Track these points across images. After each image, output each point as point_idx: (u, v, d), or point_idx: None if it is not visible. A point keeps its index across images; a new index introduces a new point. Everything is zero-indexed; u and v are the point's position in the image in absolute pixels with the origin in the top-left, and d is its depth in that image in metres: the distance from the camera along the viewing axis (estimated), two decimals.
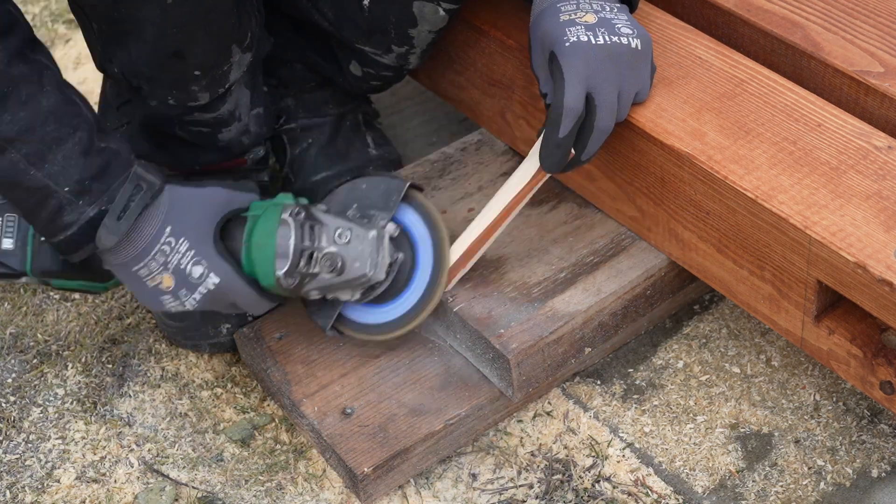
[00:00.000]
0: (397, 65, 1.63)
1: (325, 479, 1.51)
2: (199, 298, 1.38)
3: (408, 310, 1.48)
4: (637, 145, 1.44)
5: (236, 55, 1.47)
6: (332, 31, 1.62)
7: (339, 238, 1.40)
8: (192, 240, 1.35)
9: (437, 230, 1.48)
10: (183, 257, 1.35)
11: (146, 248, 1.34)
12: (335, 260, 1.39)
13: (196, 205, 1.37)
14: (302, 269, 1.38)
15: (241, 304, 1.41)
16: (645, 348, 1.60)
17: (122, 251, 1.34)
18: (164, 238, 1.34)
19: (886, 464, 1.44)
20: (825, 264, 1.26)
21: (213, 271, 1.37)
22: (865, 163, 1.32)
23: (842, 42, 1.48)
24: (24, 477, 1.53)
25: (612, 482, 1.46)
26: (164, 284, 1.37)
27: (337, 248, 1.40)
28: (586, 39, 1.35)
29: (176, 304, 1.39)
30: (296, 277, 1.38)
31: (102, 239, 1.31)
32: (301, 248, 1.38)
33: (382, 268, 1.43)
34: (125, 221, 1.31)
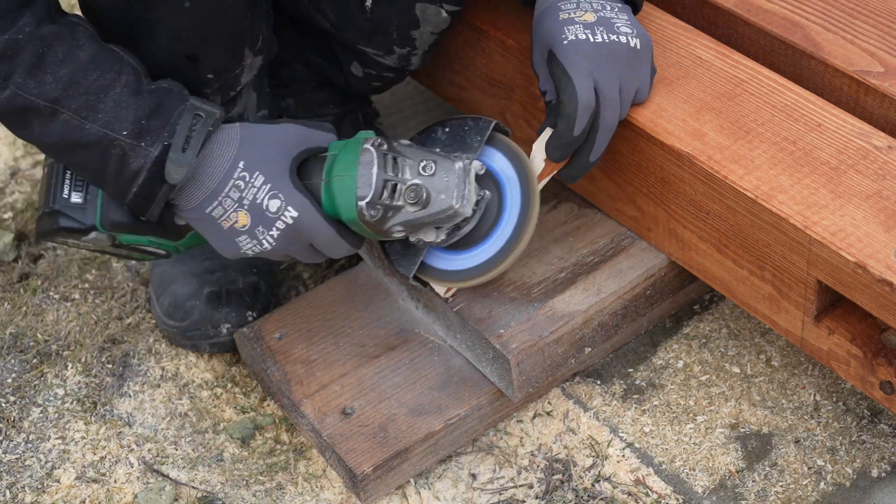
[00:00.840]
0: (399, 66, 1.63)
1: (325, 479, 1.51)
2: (276, 235, 1.32)
3: (496, 252, 1.41)
4: (637, 145, 1.44)
5: (248, 58, 1.47)
6: (333, 32, 1.61)
7: (424, 170, 1.34)
8: (267, 173, 1.31)
9: (525, 172, 1.41)
10: (259, 191, 1.30)
11: (220, 185, 1.30)
12: (420, 192, 1.33)
13: (271, 139, 1.33)
14: (385, 200, 1.32)
15: (320, 243, 1.36)
16: (645, 348, 1.60)
17: (195, 191, 1.31)
18: (237, 173, 1.30)
19: (886, 464, 1.44)
20: (825, 264, 1.26)
21: (291, 204, 1.31)
22: (865, 163, 1.32)
23: (842, 42, 1.48)
24: (24, 477, 1.53)
25: (612, 482, 1.46)
26: (239, 223, 1.31)
27: (422, 180, 1.33)
28: (584, 37, 1.35)
29: (253, 244, 1.33)
30: (378, 209, 1.32)
31: (171, 173, 1.27)
32: (384, 178, 1.32)
33: (470, 202, 1.36)
34: (191, 151, 1.27)
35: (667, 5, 1.62)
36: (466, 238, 1.41)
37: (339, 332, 1.59)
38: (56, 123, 1.26)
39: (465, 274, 1.43)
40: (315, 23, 1.63)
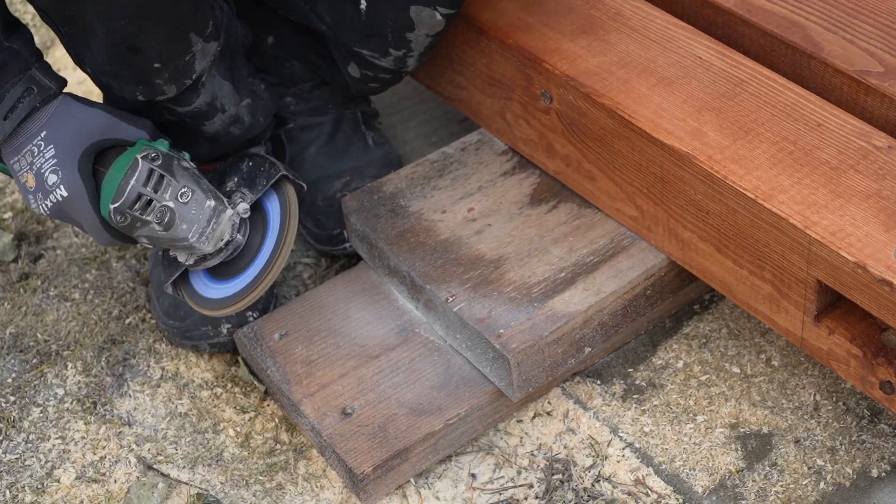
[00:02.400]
0: (395, 67, 1.62)
1: (325, 478, 1.51)
2: (50, 206, 1.42)
3: (228, 295, 1.49)
4: (637, 145, 1.44)
5: (197, 44, 1.46)
6: (329, 34, 1.61)
7: (181, 196, 1.41)
8: (59, 149, 1.39)
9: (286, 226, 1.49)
10: (46, 162, 1.40)
11: (21, 145, 1.40)
12: (164, 214, 1.40)
13: (76, 119, 1.41)
14: (136, 211, 1.40)
15: (85, 226, 1.44)
16: (645, 348, 1.60)
17: (6, 145, 1.40)
18: (36, 140, 1.39)
19: (886, 464, 1.44)
20: (825, 264, 1.26)
21: (64, 184, 1.40)
22: (865, 163, 1.32)
23: (842, 42, 1.48)
24: (23, 477, 1.53)
25: (612, 482, 1.46)
26: (28, 183, 1.41)
27: (174, 205, 1.41)
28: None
29: (35, 206, 1.43)
30: (126, 217, 1.40)
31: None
32: (139, 192, 1.39)
33: (212, 241, 1.43)
34: (10, 122, 1.37)
35: (667, 5, 1.62)
36: (222, 271, 1.49)
37: (339, 332, 1.59)
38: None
39: (205, 302, 1.51)
40: (311, 24, 1.63)
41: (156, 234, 1.41)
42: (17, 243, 1.85)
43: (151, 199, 1.40)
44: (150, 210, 1.40)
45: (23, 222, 1.89)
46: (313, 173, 1.79)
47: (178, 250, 1.46)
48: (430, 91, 1.85)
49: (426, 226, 1.62)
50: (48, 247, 1.85)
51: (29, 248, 1.84)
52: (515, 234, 1.59)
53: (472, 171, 1.70)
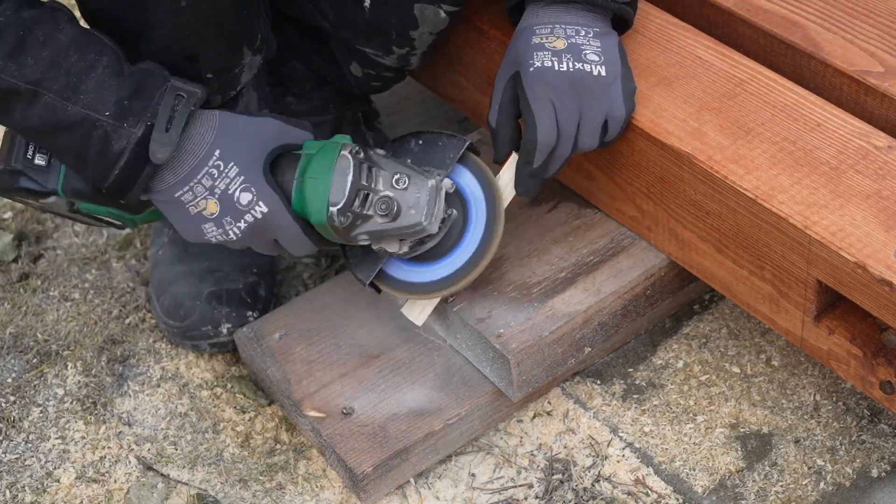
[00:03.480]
0: (398, 66, 1.63)
1: (325, 478, 1.51)
2: (243, 227, 1.33)
3: (454, 271, 1.43)
4: (637, 145, 1.44)
5: (247, 57, 1.47)
6: (332, 32, 1.61)
7: (397, 183, 1.35)
8: (241, 165, 1.31)
9: (493, 193, 1.43)
10: (232, 182, 1.31)
11: (194, 170, 1.30)
12: (391, 204, 1.34)
13: (248, 132, 1.33)
14: (356, 208, 1.33)
15: (284, 240, 1.36)
16: (645, 348, 1.60)
17: (168, 174, 1.31)
18: (212, 161, 1.30)
19: (886, 463, 1.44)
20: (825, 264, 1.26)
21: (262, 199, 1.32)
22: (865, 162, 1.32)
23: (842, 42, 1.48)
24: (23, 477, 1.53)
25: (612, 482, 1.46)
26: (207, 210, 1.32)
27: (394, 193, 1.35)
28: (550, 65, 1.36)
29: (219, 233, 1.34)
30: (348, 217, 1.33)
31: (156, 153, 1.27)
32: (358, 187, 1.33)
33: (437, 220, 1.38)
34: (174, 131, 1.27)
35: (667, 5, 1.61)
36: (428, 252, 1.43)
37: (339, 331, 1.59)
38: (37, 106, 1.26)
39: (422, 287, 1.45)
40: (314, 22, 1.63)
41: (380, 227, 1.35)
42: (17, 243, 1.85)
43: (368, 192, 1.34)
44: (371, 204, 1.34)
45: (23, 222, 1.89)
46: None
47: (398, 240, 1.39)
48: (430, 91, 1.85)
49: None
50: (48, 247, 1.85)
51: (29, 248, 1.84)
52: (515, 233, 1.59)
53: None
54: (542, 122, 1.36)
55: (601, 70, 1.38)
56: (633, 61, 1.49)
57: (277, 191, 1.33)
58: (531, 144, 1.37)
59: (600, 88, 1.38)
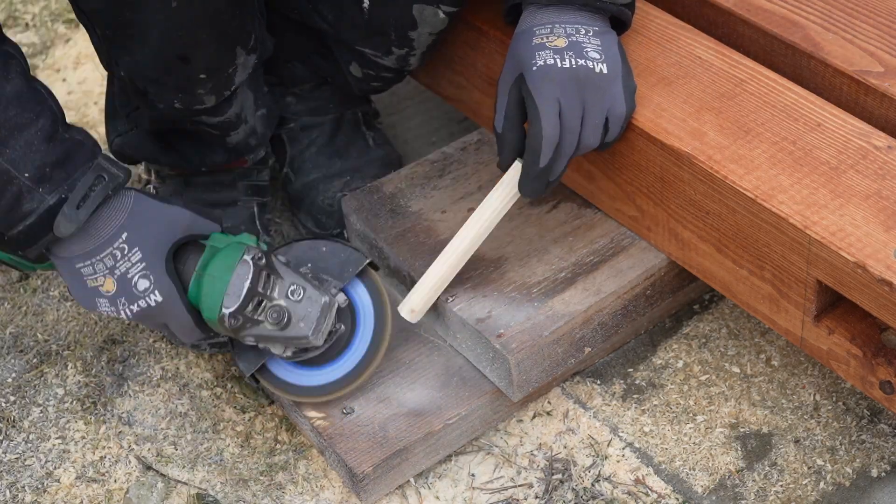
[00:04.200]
0: (397, 66, 1.63)
1: (325, 478, 1.51)
2: (135, 311, 1.34)
3: (331, 381, 1.47)
4: (637, 145, 1.44)
5: (241, 57, 1.47)
6: (331, 32, 1.62)
7: (292, 294, 1.38)
8: (145, 252, 1.33)
9: (383, 313, 1.48)
10: (133, 267, 1.32)
11: (97, 248, 1.32)
12: (282, 314, 1.37)
13: (158, 219, 1.35)
14: (248, 312, 1.36)
15: (174, 327, 1.39)
16: (645, 348, 1.60)
17: (72, 246, 1.32)
18: (118, 242, 1.32)
19: (886, 463, 1.44)
20: (825, 264, 1.26)
21: (159, 289, 1.33)
22: (865, 162, 1.32)
23: (841, 42, 1.49)
24: (24, 476, 1.53)
25: (612, 482, 1.46)
26: (104, 287, 1.33)
27: (287, 303, 1.38)
28: (552, 62, 1.36)
29: (110, 310, 1.36)
30: (239, 319, 1.36)
31: (60, 227, 1.28)
32: (254, 293, 1.36)
33: (323, 334, 1.41)
34: (84, 210, 1.28)
35: (666, 5, 1.62)
36: (312, 358, 1.46)
37: None
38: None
39: (298, 389, 1.48)
40: (313, 23, 1.63)
41: (268, 333, 1.38)
42: None
43: (263, 299, 1.37)
44: (263, 310, 1.37)
45: None
46: (314, 173, 1.79)
47: (276, 345, 1.42)
48: (430, 91, 1.85)
49: (426, 226, 1.62)
50: None
51: None
52: (515, 233, 1.59)
53: (472, 171, 1.70)
54: (546, 117, 1.36)
55: (603, 67, 1.38)
56: (633, 61, 1.49)
57: (175, 280, 1.35)
58: (537, 141, 1.37)
59: (603, 85, 1.38)
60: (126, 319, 1.36)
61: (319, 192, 1.77)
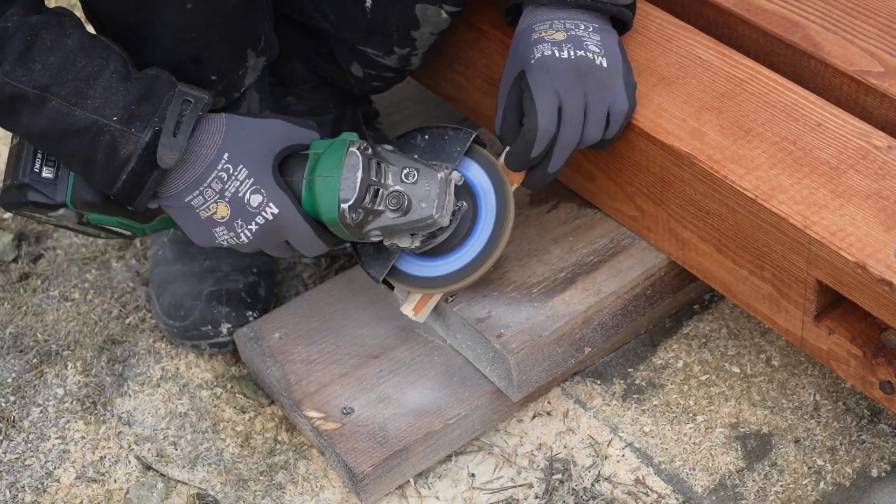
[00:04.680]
0: (399, 66, 1.63)
1: (325, 478, 1.51)
2: (254, 230, 1.32)
3: (468, 262, 1.43)
4: (637, 145, 1.44)
5: (251, 59, 1.47)
6: (333, 32, 1.61)
7: (406, 177, 1.35)
8: (250, 167, 1.31)
9: (501, 184, 1.43)
10: (242, 185, 1.30)
11: (203, 174, 1.30)
12: (401, 199, 1.34)
13: (255, 134, 1.33)
14: (367, 204, 1.33)
15: (296, 241, 1.36)
16: (645, 348, 1.60)
17: (177, 179, 1.30)
18: (221, 164, 1.30)
19: (886, 463, 1.44)
20: (825, 264, 1.26)
21: (273, 201, 1.31)
22: (865, 162, 1.32)
23: (841, 42, 1.48)
24: (23, 476, 1.53)
25: (612, 482, 1.46)
26: (218, 214, 1.31)
27: (403, 187, 1.35)
28: (550, 53, 1.36)
29: (230, 237, 1.34)
30: (360, 213, 1.33)
31: (164, 158, 1.26)
32: (368, 182, 1.33)
33: (448, 212, 1.37)
34: (182, 135, 1.27)
35: (666, 5, 1.62)
36: (440, 246, 1.42)
37: (339, 331, 1.59)
38: (45, 111, 1.26)
39: (435, 281, 1.44)
40: (315, 23, 1.63)
41: (392, 222, 1.35)
42: (17, 243, 1.85)
43: (379, 188, 1.34)
44: (381, 199, 1.34)
45: (23, 222, 1.89)
46: None
47: (410, 234, 1.38)
48: (430, 91, 1.85)
49: None
50: (48, 246, 1.85)
51: (29, 248, 1.84)
52: (515, 233, 1.58)
53: None
54: (542, 109, 1.36)
55: (603, 61, 1.37)
56: (633, 61, 1.49)
57: (287, 191, 1.33)
58: (531, 133, 1.37)
59: (604, 78, 1.38)
60: (246, 242, 1.33)
61: None
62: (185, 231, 1.36)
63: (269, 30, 1.52)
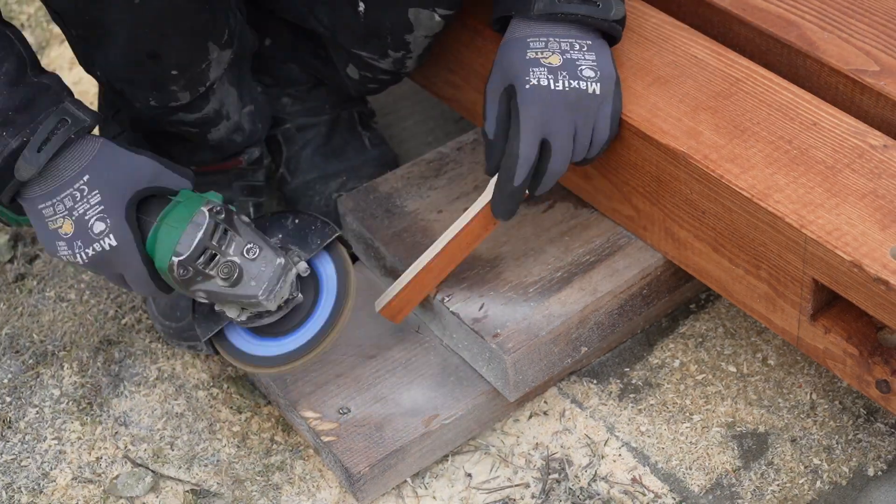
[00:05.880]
0: (394, 69, 1.63)
1: (322, 479, 1.51)
2: (90, 255, 1.33)
3: (281, 353, 1.44)
4: (633, 144, 1.44)
5: (214, 52, 1.47)
6: (327, 35, 1.61)
7: (248, 252, 1.36)
8: (105, 195, 1.31)
9: (345, 290, 1.45)
10: (91, 209, 1.31)
11: (57, 189, 1.31)
12: (233, 270, 1.35)
13: (123, 166, 1.33)
14: (199, 265, 1.34)
15: (130, 277, 1.37)
16: (641, 347, 1.60)
17: (35, 187, 1.31)
18: (78, 184, 1.30)
19: (882, 462, 1.44)
20: (821, 263, 1.27)
21: (114, 233, 1.32)
22: (861, 161, 1.32)
23: (837, 41, 1.49)
24: (20, 477, 1.53)
25: (609, 481, 1.46)
26: (62, 230, 1.32)
27: (241, 260, 1.36)
28: (546, 84, 1.36)
29: (68, 254, 1.34)
30: (189, 271, 1.34)
31: (21, 170, 1.27)
32: (205, 245, 1.34)
33: (276, 298, 1.38)
34: (44, 154, 1.27)
35: (663, 4, 1.62)
36: (268, 328, 1.43)
37: None
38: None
39: (251, 359, 1.45)
40: (309, 26, 1.63)
41: (218, 289, 1.36)
42: (13, 244, 1.84)
43: (216, 253, 1.35)
44: (215, 265, 1.35)
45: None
46: (310, 173, 1.79)
47: (230, 306, 1.40)
48: (426, 91, 1.84)
49: (422, 225, 1.62)
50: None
51: (25, 249, 1.84)
52: (511, 233, 1.59)
53: (468, 171, 1.70)
54: (526, 138, 1.36)
55: (596, 88, 1.38)
56: (629, 60, 1.49)
57: (134, 228, 1.33)
58: (512, 160, 1.37)
59: (593, 106, 1.38)
60: (81, 264, 1.34)
61: (316, 193, 1.77)
62: (36, 233, 1.37)
63: (237, 23, 1.52)
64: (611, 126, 1.41)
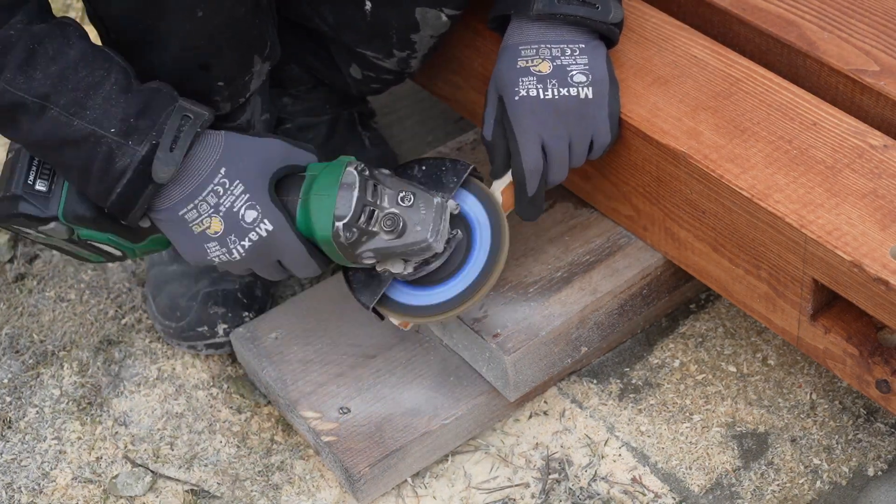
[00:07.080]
0: (398, 69, 1.62)
1: (322, 478, 1.51)
2: (247, 246, 1.31)
3: (459, 293, 1.40)
4: (633, 144, 1.44)
5: (258, 65, 1.46)
6: (332, 34, 1.61)
7: (402, 200, 1.34)
8: (247, 183, 1.30)
9: (497, 217, 1.41)
10: (237, 199, 1.30)
11: (198, 188, 1.29)
12: (396, 220, 1.32)
13: (253, 151, 1.33)
14: (362, 223, 1.31)
15: (288, 260, 1.35)
16: (641, 347, 1.60)
17: (173, 191, 1.30)
18: (218, 178, 1.29)
19: (883, 462, 1.44)
20: (821, 263, 1.27)
21: (267, 217, 1.30)
22: (861, 161, 1.32)
23: (837, 41, 1.49)
24: (20, 477, 1.53)
25: (609, 481, 1.46)
26: (211, 229, 1.30)
27: (399, 210, 1.33)
28: (535, 94, 1.36)
29: (222, 253, 1.32)
30: (354, 232, 1.31)
31: (159, 172, 1.26)
32: (364, 202, 1.32)
33: (443, 238, 1.35)
34: (178, 151, 1.26)
35: (663, 4, 1.62)
36: (431, 275, 1.41)
37: (336, 331, 1.59)
38: (44, 120, 1.25)
39: (425, 310, 1.41)
40: (313, 25, 1.62)
41: (385, 244, 1.33)
42: (13, 244, 1.84)
43: (374, 209, 1.33)
44: (376, 220, 1.33)
45: None
46: None
47: (403, 259, 1.37)
48: (426, 91, 1.84)
49: None
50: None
51: (25, 249, 1.84)
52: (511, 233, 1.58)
53: None
54: (527, 153, 1.38)
55: (587, 93, 1.37)
56: (629, 61, 1.49)
57: (283, 209, 1.32)
58: (520, 174, 1.39)
59: (587, 112, 1.38)
60: (238, 259, 1.32)
61: None
62: (176, 247, 1.36)
63: (274, 35, 1.52)
64: (611, 129, 1.41)
